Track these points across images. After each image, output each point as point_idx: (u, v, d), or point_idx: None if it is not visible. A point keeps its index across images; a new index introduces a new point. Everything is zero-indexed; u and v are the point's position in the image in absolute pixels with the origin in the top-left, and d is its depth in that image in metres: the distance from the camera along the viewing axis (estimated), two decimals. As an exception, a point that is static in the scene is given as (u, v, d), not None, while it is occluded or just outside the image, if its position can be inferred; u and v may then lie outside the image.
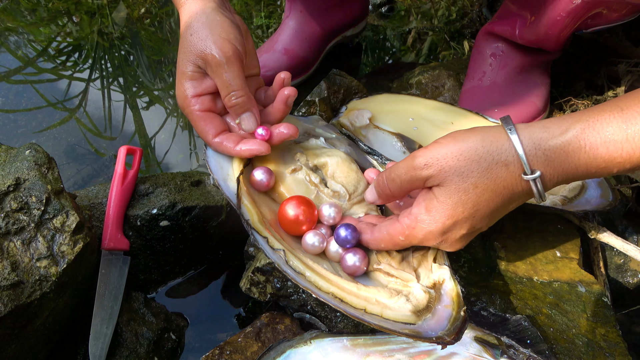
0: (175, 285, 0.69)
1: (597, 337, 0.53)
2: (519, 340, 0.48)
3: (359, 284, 0.48)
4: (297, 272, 0.47)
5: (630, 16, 0.73)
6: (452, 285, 0.48)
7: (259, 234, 0.49)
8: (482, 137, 0.44)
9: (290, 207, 0.52)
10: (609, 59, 0.90)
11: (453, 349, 0.49)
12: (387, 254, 0.52)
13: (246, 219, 0.50)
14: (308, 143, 0.62)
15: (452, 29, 1.14)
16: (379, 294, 0.47)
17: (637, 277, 0.72)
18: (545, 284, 0.58)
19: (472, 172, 0.43)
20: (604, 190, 0.61)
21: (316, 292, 0.45)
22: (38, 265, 0.47)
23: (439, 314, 0.46)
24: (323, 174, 0.59)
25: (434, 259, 0.51)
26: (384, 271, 0.50)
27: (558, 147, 0.42)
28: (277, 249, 0.48)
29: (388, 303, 0.46)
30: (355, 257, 0.50)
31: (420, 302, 0.47)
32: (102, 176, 0.85)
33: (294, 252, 0.49)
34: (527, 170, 0.43)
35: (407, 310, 0.46)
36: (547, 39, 0.75)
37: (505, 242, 0.62)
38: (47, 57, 1.09)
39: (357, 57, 1.11)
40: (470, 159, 0.43)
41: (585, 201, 0.59)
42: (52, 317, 0.50)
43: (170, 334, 0.62)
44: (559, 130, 0.43)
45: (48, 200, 0.49)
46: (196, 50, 0.54)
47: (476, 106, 0.82)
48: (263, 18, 1.18)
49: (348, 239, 0.50)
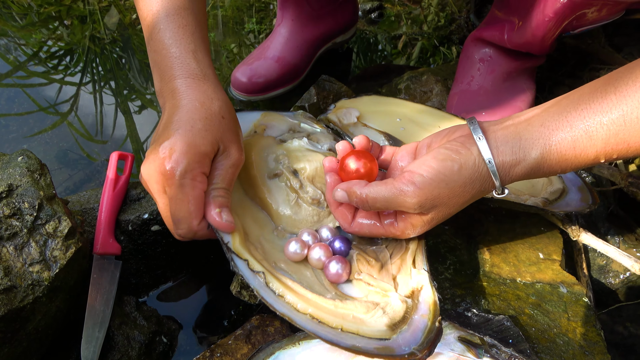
0: (166, 289, 0.69)
1: (577, 337, 0.54)
2: (501, 339, 0.50)
3: (336, 300, 0.49)
4: (276, 295, 0.48)
5: (614, 15, 0.75)
6: (430, 293, 0.49)
7: (239, 257, 0.49)
8: (459, 165, 0.47)
9: (351, 160, 0.53)
10: (592, 65, 0.92)
11: (437, 349, 0.51)
12: (367, 263, 0.53)
13: (226, 242, 0.50)
14: (291, 144, 0.63)
15: (441, 34, 1.16)
16: (356, 309, 0.48)
17: (618, 277, 0.74)
18: (528, 285, 0.59)
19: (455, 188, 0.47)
20: (584, 194, 0.63)
21: (293, 317, 0.46)
22: (31, 270, 0.47)
23: (415, 324, 0.47)
24: (303, 179, 0.59)
25: (413, 262, 0.52)
26: (365, 281, 0.51)
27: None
28: (257, 272, 0.49)
29: (364, 318, 0.47)
30: (337, 266, 0.52)
31: (397, 314, 0.48)
32: (94, 181, 0.86)
33: (274, 272, 0.50)
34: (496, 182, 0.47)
35: (383, 325, 0.46)
36: (534, 41, 0.77)
37: (489, 244, 0.64)
38: (38, 61, 1.09)
39: (347, 62, 1.12)
40: (453, 184, 0.47)
41: (566, 204, 0.61)
42: (44, 322, 0.51)
43: (162, 337, 0.62)
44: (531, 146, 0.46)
45: (40, 206, 0.49)
46: (229, 133, 0.53)
47: (463, 109, 0.84)
48: (254, 24, 1.20)
49: (342, 250, 0.54)
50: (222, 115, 0.53)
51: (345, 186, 0.52)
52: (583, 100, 0.44)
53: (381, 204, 0.49)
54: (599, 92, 0.44)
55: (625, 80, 0.42)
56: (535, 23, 0.73)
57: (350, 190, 0.51)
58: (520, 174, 0.47)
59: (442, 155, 0.47)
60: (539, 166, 0.46)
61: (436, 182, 0.46)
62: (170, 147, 0.49)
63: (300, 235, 0.56)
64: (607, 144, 0.44)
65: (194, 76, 0.54)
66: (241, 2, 1.25)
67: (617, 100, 0.42)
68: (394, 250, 0.54)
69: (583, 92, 0.45)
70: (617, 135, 0.43)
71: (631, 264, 0.61)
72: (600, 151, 0.44)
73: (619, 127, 0.42)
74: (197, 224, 0.51)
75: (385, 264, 0.53)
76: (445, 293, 0.58)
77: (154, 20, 0.55)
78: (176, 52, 0.54)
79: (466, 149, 0.47)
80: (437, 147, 0.49)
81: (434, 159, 0.47)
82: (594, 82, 0.46)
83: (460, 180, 0.46)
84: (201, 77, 0.54)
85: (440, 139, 0.51)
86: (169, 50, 0.54)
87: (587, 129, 0.44)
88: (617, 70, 0.45)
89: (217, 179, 0.52)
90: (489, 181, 0.47)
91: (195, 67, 0.54)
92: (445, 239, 0.64)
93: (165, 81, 0.54)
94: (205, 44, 0.57)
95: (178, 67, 0.54)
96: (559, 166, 0.46)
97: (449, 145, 0.48)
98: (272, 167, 0.60)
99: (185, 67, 0.54)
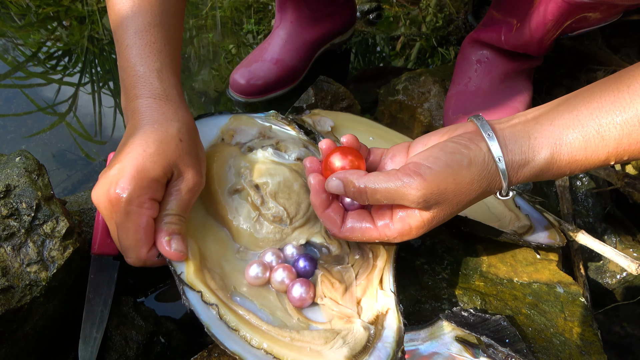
0: (165, 289, 0.69)
1: (574, 336, 0.54)
2: (498, 339, 0.50)
3: (293, 332, 0.46)
4: (229, 329, 0.45)
5: (612, 17, 0.75)
6: (395, 318, 0.47)
7: (192, 289, 0.47)
8: (469, 159, 0.44)
9: (337, 158, 0.49)
10: (589, 66, 0.93)
11: (435, 349, 0.51)
12: (331, 286, 0.51)
13: (178, 274, 0.48)
14: (255, 155, 0.59)
15: (439, 35, 1.17)
16: (314, 341, 0.46)
17: (615, 277, 0.74)
18: (524, 285, 0.60)
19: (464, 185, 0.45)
20: (550, 233, 0.63)
21: (245, 355, 0.43)
22: (28, 271, 0.47)
23: (377, 354, 0.45)
24: (265, 194, 0.56)
25: (380, 281, 0.50)
26: (328, 306, 0.50)
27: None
28: (210, 304, 0.46)
29: (323, 350, 0.45)
30: (301, 290, 0.49)
31: (359, 343, 0.46)
32: (92, 182, 0.86)
33: (229, 303, 0.48)
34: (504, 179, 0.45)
35: (342, 357, 0.44)
36: (531, 43, 0.77)
37: (486, 244, 0.64)
38: (37, 61, 1.09)
39: (345, 63, 1.13)
40: (461, 179, 0.44)
41: (534, 238, 0.61)
42: (42, 322, 0.51)
43: (160, 338, 0.62)
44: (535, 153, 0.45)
45: (38, 206, 0.49)
46: (186, 157, 0.50)
47: (461, 110, 0.84)
48: (253, 24, 1.20)
49: (307, 270, 0.51)
50: (180, 138, 0.50)
51: (341, 175, 0.48)
52: (594, 99, 0.42)
53: (381, 196, 0.45)
54: (611, 90, 0.42)
55: (638, 78, 0.41)
56: (534, 25, 0.74)
57: (347, 179, 0.47)
58: (528, 175, 0.45)
59: (450, 148, 0.44)
60: (548, 167, 0.44)
61: (444, 176, 0.43)
62: (119, 171, 0.47)
63: (263, 255, 0.53)
64: (620, 145, 0.42)
65: (156, 96, 0.52)
66: (240, 3, 1.25)
67: (631, 98, 0.41)
68: (360, 269, 0.52)
69: (594, 90, 0.43)
70: (630, 135, 0.41)
71: (627, 264, 0.61)
72: (612, 152, 0.43)
73: (632, 127, 0.41)
74: (145, 253, 0.49)
75: (349, 286, 0.51)
76: (442, 293, 0.58)
77: (122, 36, 0.54)
78: (140, 70, 0.53)
79: (475, 145, 0.44)
80: (443, 141, 0.46)
81: (441, 151, 0.44)
82: (604, 80, 0.44)
83: (469, 177, 0.44)
84: (163, 97, 0.52)
85: (440, 137, 0.48)
86: (133, 69, 0.53)
87: (599, 129, 0.42)
88: (628, 68, 0.43)
89: (170, 204, 0.49)
90: (496, 181, 0.45)
91: (158, 87, 0.52)
92: (443, 239, 0.64)
93: (129, 100, 0.53)
94: (174, 62, 0.55)
95: (141, 86, 0.52)
96: (569, 167, 0.44)
97: (455, 141, 0.45)
98: (234, 182, 0.57)
99: (148, 86, 0.52)
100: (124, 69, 0.54)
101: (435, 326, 0.52)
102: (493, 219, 0.63)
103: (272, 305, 0.51)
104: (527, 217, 0.64)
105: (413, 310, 0.57)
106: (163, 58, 0.54)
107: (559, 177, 0.46)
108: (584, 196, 0.79)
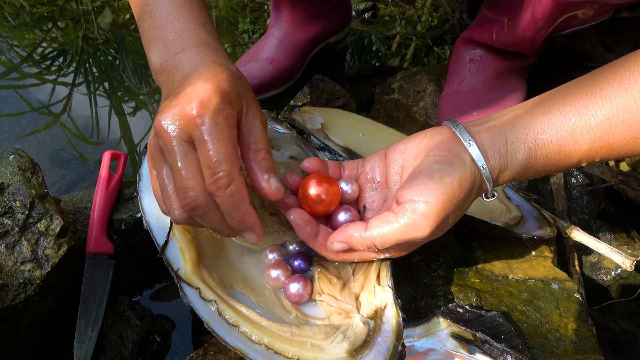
0: (160, 288, 0.69)
1: (569, 332, 0.55)
2: (493, 335, 0.50)
3: (293, 327, 0.46)
4: (229, 325, 0.45)
5: (603, 15, 0.76)
6: (394, 312, 0.47)
7: (190, 285, 0.46)
8: (458, 179, 0.44)
9: (312, 186, 0.48)
10: (583, 63, 0.93)
11: (430, 345, 0.51)
12: (329, 282, 0.51)
13: (175, 270, 0.47)
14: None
15: (434, 35, 1.17)
16: (314, 336, 0.46)
17: (610, 274, 0.74)
18: (520, 282, 0.60)
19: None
20: (541, 224, 0.64)
21: (247, 350, 0.43)
22: (22, 269, 0.47)
23: (377, 348, 0.45)
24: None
25: (378, 277, 0.50)
26: (326, 302, 0.50)
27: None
28: (209, 300, 0.46)
29: (323, 345, 0.45)
30: (298, 286, 0.49)
31: (359, 338, 0.46)
32: (87, 181, 0.86)
33: (228, 300, 0.47)
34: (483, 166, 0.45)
35: (343, 351, 0.44)
36: (523, 42, 0.78)
37: (482, 241, 0.64)
38: (31, 62, 1.09)
39: (341, 62, 1.13)
40: (457, 200, 0.44)
41: (526, 230, 0.61)
42: (36, 320, 0.51)
43: (155, 337, 0.62)
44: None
45: (32, 204, 0.49)
46: (248, 93, 0.45)
47: (455, 110, 0.84)
48: (248, 24, 1.20)
49: (302, 268, 0.51)
50: (239, 76, 0.46)
51: (342, 237, 0.47)
52: (568, 102, 0.43)
53: (391, 244, 0.45)
54: (584, 93, 0.43)
55: (610, 81, 0.42)
56: (525, 23, 0.74)
57: (351, 239, 0.46)
58: (507, 179, 0.46)
59: (436, 172, 0.43)
60: (525, 170, 0.45)
61: (442, 205, 0.43)
62: (196, 89, 0.41)
63: (265, 252, 0.53)
64: (592, 148, 0.43)
65: (206, 45, 0.47)
66: (235, 2, 1.25)
67: (603, 102, 0.41)
68: (357, 266, 0.52)
69: (567, 92, 0.44)
70: (601, 139, 0.42)
71: (622, 260, 0.61)
72: (584, 155, 0.44)
73: (604, 131, 0.42)
74: (238, 172, 0.41)
75: (347, 282, 0.51)
76: (438, 290, 0.59)
77: (156, 5, 0.49)
78: (184, 24, 0.48)
79: (458, 158, 0.44)
80: (424, 160, 0.45)
81: (430, 180, 0.43)
82: (578, 80, 0.45)
83: (463, 195, 0.44)
84: (214, 47, 0.48)
85: (417, 145, 0.48)
86: (176, 23, 0.48)
87: (572, 133, 0.43)
88: (600, 68, 0.44)
89: (256, 139, 0.44)
90: (482, 187, 0.46)
91: (207, 38, 0.48)
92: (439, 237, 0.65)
93: (172, 54, 0.47)
94: (212, 22, 0.51)
95: (188, 37, 0.47)
96: (544, 169, 0.46)
97: (437, 158, 0.45)
98: None
99: (196, 37, 0.48)
100: (159, 26, 0.48)
101: (431, 323, 0.52)
102: (485, 212, 0.63)
103: (270, 302, 0.51)
104: (517, 208, 0.64)
105: (409, 307, 0.57)
106: (204, 14, 0.50)
107: (535, 177, 0.47)
108: (579, 193, 0.79)
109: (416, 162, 0.47)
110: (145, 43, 0.50)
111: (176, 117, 0.40)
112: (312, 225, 0.48)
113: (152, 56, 0.49)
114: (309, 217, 0.48)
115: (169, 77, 0.47)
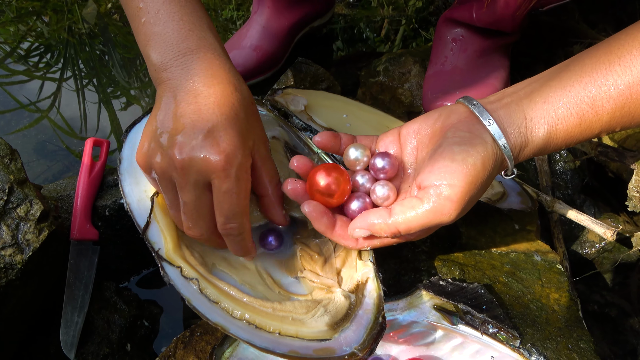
0: (148, 274, 0.69)
1: (550, 302, 0.55)
2: (475, 306, 0.51)
3: (275, 302, 0.47)
4: (211, 302, 0.45)
5: None
6: (375, 286, 0.48)
7: (171, 264, 0.47)
8: (481, 161, 0.43)
9: (321, 177, 0.47)
10: (567, 40, 0.93)
11: (413, 318, 0.52)
12: (310, 258, 0.51)
13: (156, 250, 0.47)
14: None
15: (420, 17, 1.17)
16: (295, 310, 0.46)
17: (594, 247, 0.75)
18: (502, 255, 0.60)
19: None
20: (523, 198, 0.64)
21: (228, 326, 0.43)
22: (3, 254, 0.47)
23: (358, 321, 0.45)
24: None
25: (359, 253, 0.50)
26: (308, 278, 0.50)
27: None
28: (190, 278, 0.46)
29: (304, 319, 0.46)
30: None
31: (340, 311, 0.46)
32: (72, 172, 0.86)
33: (209, 278, 0.47)
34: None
35: (324, 324, 0.45)
36: (503, 19, 0.77)
37: (466, 217, 0.64)
38: (17, 58, 1.08)
39: (327, 46, 1.12)
40: (481, 181, 0.43)
41: (508, 204, 0.62)
42: (20, 306, 0.51)
43: (143, 321, 0.63)
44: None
45: (11, 189, 0.49)
46: (258, 128, 0.47)
47: (439, 90, 0.84)
48: (233, 10, 1.19)
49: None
50: (251, 101, 0.46)
51: (364, 223, 0.46)
52: (586, 72, 0.42)
53: (417, 229, 0.44)
54: (602, 62, 0.41)
55: (629, 48, 0.40)
56: (504, 0, 0.74)
57: (374, 227, 0.45)
58: (528, 155, 0.45)
59: (458, 153, 0.42)
60: (546, 145, 0.44)
61: (468, 187, 0.42)
62: (221, 137, 0.42)
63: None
64: (613, 118, 0.42)
65: (214, 50, 0.46)
66: (219, -9, 1.24)
67: (622, 70, 0.40)
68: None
69: (584, 62, 0.42)
70: (622, 108, 0.41)
71: (603, 231, 0.62)
72: (605, 125, 0.43)
73: (625, 100, 0.41)
74: (248, 219, 0.45)
75: (329, 258, 0.51)
76: (421, 265, 0.59)
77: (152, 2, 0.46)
78: (190, 22, 0.46)
79: (479, 138, 0.43)
80: (443, 141, 0.44)
81: (452, 162, 0.42)
82: (592, 49, 0.43)
83: (486, 175, 0.43)
84: (221, 53, 0.46)
85: (432, 125, 0.47)
86: (179, 21, 0.45)
87: (593, 104, 0.41)
88: (614, 36, 0.42)
89: (266, 173, 0.48)
90: (502, 164, 0.45)
91: (214, 42, 0.46)
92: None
93: (177, 54, 0.45)
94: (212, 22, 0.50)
95: (195, 39, 0.45)
96: (565, 143, 0.44)
97: (457, 139, 0.43)
98: None
99: (203, 40, 0.45)
100: (160, 23, 0.46)
101: (413, 296, 0.53)
102: None
103: (253, 280, 0.51)
104: (500, 183, 0.65)
105: (393, 283, 0.57)
106: (207, 16, 0.48)
107: (555, 151, 0.47)
108: (562, 169, 0.79)
109: (432, 143, 0.46)
110: (142, 38, 0.47)
111: (199, 162, 0.42)
112: (329, 216, 0.47)
113: (152, 53, 0.46)
114: (324, 209, 0.47)
115: (171, 77, 0.45)
